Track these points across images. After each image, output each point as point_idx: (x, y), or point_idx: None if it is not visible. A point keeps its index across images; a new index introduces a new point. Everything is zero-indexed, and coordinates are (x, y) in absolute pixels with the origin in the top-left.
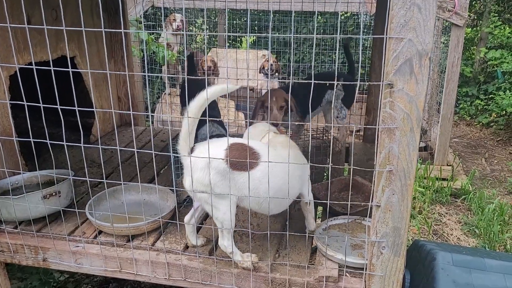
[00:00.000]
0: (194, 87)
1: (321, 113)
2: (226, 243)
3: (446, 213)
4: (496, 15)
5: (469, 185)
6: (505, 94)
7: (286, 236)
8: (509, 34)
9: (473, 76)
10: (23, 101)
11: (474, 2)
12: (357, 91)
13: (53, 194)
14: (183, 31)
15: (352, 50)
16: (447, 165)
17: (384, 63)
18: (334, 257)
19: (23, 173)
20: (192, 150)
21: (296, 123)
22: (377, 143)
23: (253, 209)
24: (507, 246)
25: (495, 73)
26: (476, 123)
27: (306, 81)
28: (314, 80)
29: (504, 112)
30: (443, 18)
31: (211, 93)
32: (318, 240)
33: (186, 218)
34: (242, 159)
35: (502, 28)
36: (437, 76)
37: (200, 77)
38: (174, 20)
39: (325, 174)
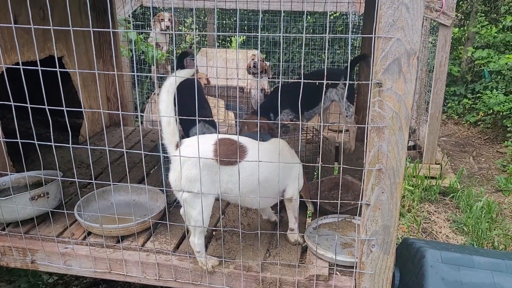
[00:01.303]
0: (184, 86)
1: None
2: (196, 241)
3: (435, 211)
4: (483, 15)
5: (457, 183)
6: (492, 93)
7: (277, 236)
8: (495, 34)
9: (460, 76)
10: (10, 101)
11: (461, 2)
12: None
13: (41, 195)
14: (172, 30)
15: (341, 50)
16: (436, 163)
17: (372, 62)
18: (324, 255)
19: (10, 174)
20: (179, 145)
21: (286, 122)
22: (367, 142)
23: (236, 201)
24: (495, 243)
25: (482, 72)
26: (463, 122)
27: (296, 80)
28: (316, 76)
29: (491, 111)
30: (430, 18)
31: (172, 82)
32: (309, 239)
33: (182, 210)
34: (229, 154)
35: (489, 28)
36: (425, 76)
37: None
38: (163, 19)
39: (315, 173)
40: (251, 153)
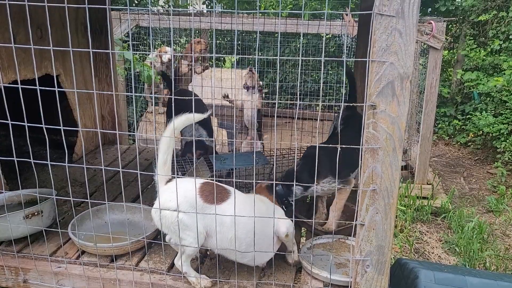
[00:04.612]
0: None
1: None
2: (180, 263)
3: (427, 231)
4: (472, 38)
5: (449, 204)
6: (481, 114)
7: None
8: (484, 57)
9: (450, 97)
10: (7, 120)
11: (451, 25)
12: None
13: (35, 213)
14: (172, 64)
15: (334, 70)
16: (427, 183)
17: (367, 85)
18: (319, 275)
19: (4, 192)
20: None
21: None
22: (361, 163)
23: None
24: (487, 263)
25: (472, 94)
26: (454, 143)
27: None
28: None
29: (481, 132)
30: (421, 41)
31: (178, 123)
32: (303, 258)
33: (168, 237)
34: (214, 193)
35: (477, 51)
36: (416, 97)
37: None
38: (166, 52)
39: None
40: (232, 201)
